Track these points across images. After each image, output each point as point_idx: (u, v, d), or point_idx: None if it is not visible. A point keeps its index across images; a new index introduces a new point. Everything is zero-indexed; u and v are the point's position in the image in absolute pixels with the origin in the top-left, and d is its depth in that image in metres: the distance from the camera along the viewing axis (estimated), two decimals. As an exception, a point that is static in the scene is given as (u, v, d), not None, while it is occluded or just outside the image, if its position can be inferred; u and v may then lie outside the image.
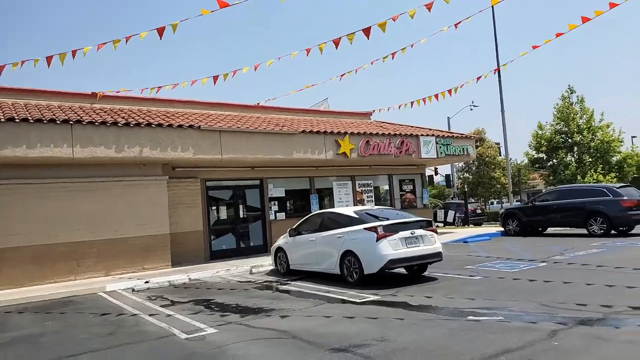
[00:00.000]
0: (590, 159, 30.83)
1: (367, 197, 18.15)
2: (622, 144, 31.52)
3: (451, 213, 26.18)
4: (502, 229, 18.30)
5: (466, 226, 23.98)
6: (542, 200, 17.38)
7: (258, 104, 16.79)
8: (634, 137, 54.32)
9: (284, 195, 16.10)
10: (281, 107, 18.37)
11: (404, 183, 19.41)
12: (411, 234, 8.79)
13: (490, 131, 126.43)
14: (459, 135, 18.99)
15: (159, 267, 12.67)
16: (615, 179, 30.77)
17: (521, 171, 39.71)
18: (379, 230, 8.58)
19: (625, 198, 15.11)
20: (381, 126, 18.83)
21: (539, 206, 17.18)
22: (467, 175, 36.04)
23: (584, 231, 15.55)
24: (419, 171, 19.77)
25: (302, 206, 16.57)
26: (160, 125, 12.43)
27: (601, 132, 31.07)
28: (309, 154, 14.86)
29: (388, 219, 8.93)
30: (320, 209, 16.74)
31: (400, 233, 8.69)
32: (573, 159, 31.77)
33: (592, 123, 31.46)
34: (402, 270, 9.99)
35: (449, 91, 17.75)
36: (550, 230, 17.73)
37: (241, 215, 15.33)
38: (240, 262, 13.12)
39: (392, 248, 8.53)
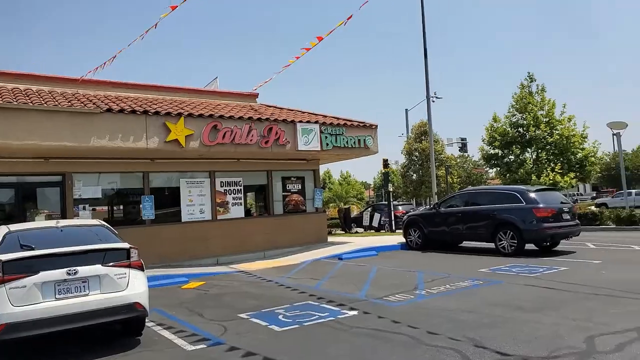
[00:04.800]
0: (548, 156, 27.16)
1: (234, 199, 14.37)
2: (585, 140, 27.80)
3: (377, 216, 22.48)
4: (404, 240, 14.65)
5: (390, 232, 20.29)
6: (449, 206, 13.70)
7: (81, 78, 12.82)
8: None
9: (100, 196, 12.28)
10: (125, 82, 14.47)
11: (289, 182, 15.61)
12: (69, 274, 5.04)
13: (451, 126, 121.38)
14: (356, 124, 15.17)
15: None
16: (575, 179, 27.17)
17: (477, 168, 35.92)
18: (-11, 271, 4.81)
19: (540, 206, 11.43)
20: (255, 110, 14.99)
21: (443, 213, 13.51)
22: (410, 172, 32.08)
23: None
24: (310, 167, 15.97)
25: (130, 211, 12.81)
26: None
27: (562, 127, 27.37)
28: (120, 140, 11.04)
29: (22, 249, 5.16)
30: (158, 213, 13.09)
31: (43, 274, 4.93)
32: (531, 156, 28.13)
33: (552, 116, 27.78)
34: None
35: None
36: (466, 243, 14.02)
37: (29, 223, 11.52)
38: None
39: (15, 302, 4.77)
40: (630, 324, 5.20)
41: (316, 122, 14.29)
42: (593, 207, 23.36)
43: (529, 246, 12.14)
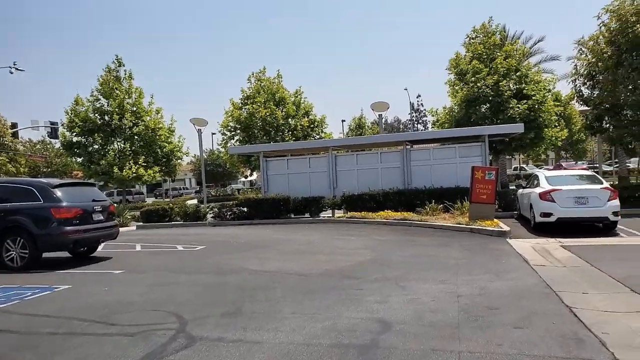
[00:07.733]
0: (135, 148, 25.62)
1: None
2: (173, 134, 27.74)
3: None
4: None
5: None
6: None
7: None
8: (213, 133, 54.12)
9: None
10: None
11: None
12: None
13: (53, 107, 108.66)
14: None
15: None
16: (160, 173, 26.72)
17: (62, 158, 31.28)
18: None
19: (62, 205, 8.93)
20: None
21: None
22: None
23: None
24: None
25: None
26: None
27: (149, 118, 26.37)
28: None
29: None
30: None
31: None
32: (117, 146, 25.92)
33: (140, 105, 26.41)
34: None
35: None
36: None
37: None
38: None
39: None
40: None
41: None
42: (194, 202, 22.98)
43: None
